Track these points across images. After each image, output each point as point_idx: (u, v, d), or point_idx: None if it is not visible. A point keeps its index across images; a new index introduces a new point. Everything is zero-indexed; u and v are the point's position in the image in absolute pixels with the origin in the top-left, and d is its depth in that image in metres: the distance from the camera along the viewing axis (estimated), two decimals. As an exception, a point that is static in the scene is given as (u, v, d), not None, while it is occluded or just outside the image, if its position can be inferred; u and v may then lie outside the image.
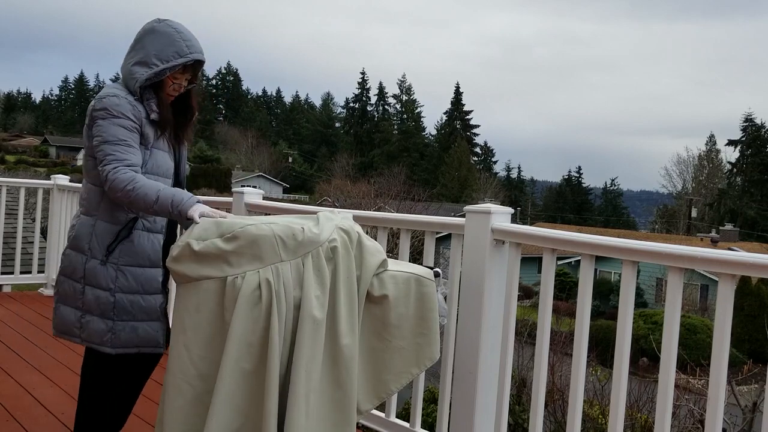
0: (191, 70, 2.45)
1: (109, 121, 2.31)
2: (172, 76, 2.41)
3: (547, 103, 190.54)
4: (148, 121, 2.39)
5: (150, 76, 2.35)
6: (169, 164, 2.49)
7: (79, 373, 3.72)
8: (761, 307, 19.82)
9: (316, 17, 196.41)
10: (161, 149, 2.47)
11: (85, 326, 2.39)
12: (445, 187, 68.56)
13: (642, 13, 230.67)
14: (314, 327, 2.11)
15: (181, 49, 2.37)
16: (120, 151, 2.28)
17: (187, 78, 2.46)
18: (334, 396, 2.17)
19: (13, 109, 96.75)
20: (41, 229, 6.88)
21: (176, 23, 2.45)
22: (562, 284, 25.32)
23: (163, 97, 2.42)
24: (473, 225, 2.62)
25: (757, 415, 8.33)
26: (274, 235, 2.13)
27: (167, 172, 2.48)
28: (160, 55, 2.36)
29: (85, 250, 2.38)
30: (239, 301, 2.07)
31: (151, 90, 2.39)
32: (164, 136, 2.47)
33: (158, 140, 2.45)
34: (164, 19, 2.45)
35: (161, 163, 2.45)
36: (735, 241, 36.74)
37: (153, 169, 2.41)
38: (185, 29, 2.44)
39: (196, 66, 2.45)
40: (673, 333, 2.03)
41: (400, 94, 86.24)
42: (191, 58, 2.39)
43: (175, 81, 2.43)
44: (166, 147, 2.49)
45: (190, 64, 2.41)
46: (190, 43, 2.40)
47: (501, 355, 2.57)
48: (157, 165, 2.43)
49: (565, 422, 2.46)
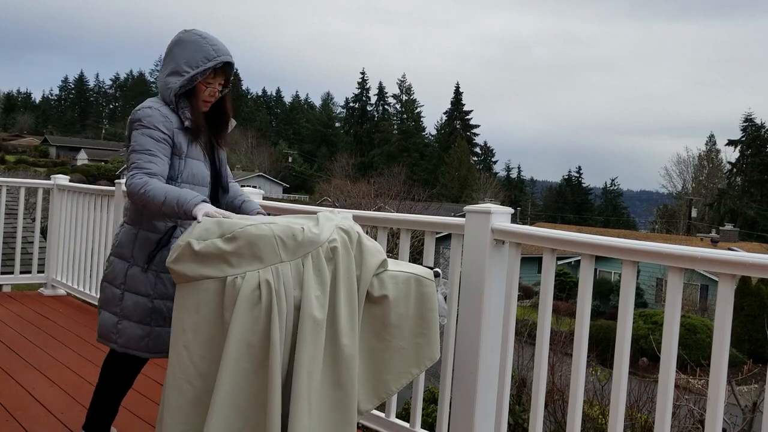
0: (222, 73, 2.49)
1: (139, 131, 2.40)
2: (205, 81, 2.46)
3: (547, 103, 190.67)
4: (182, 130, 2.46)
5: (183, 83, 2.42)
6: (204, 173, 2.54)
7: (79, 373, 3.72)
8: (761, 307, 19.81)
9: (316, 17, 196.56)
10: (196, 158, 2.52)
11: (122, 332, 2.47)
12: (445, 187, 68.56)
13: (642, 13, 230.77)
14: (314, 327, 2.11)
15: (209, 54, 2.43)
16: (142, 159, 2.37)
17: (220, 82, 2.50)
18: (334, 396, 2.17)
19: (13, 109, 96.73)
20: (41, 229, 6.88)
21: (202, 31, 2.50)
22: (562, 284, 25.33)
23: (196, 104, 2.48)
24: (473, 225, 2.62)
25: (757, 415, 8.33)
26: (274, 236, 2.13)
27: (203, 180, 2.54)
28: (190, 62, 2.43)
29: (128, 257, 2.48)
30: (239, 301, 2.07)
31: (185, 98, 2.46)
32: (199, 144, 2.52)
33: (193, 149, 2.50)
34: (190, 29, 2.52)
35: (196, 172, 2.51)
36: (735, 241, 36.74)
37: (189, 179, 2.49)
38: (211, 35, 2.50)
39: (226, 69, 2.49)
40: (673, 333, 2.03)
41: (400, 94, 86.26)
42: (219, 61, 2.44)
43: (209, 86, 2.48)
44: (201, 156, 2.54)
45: (220, 67, 2.46)
46: (217, 47, 2.45)
47: (501, 355, 2.57)
48: (192, 174, 2.50)
49: (565, 422, 2.46)
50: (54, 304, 5.60)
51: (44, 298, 5.84)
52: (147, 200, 2.30)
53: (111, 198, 5.23)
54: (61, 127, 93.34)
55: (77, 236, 5.68)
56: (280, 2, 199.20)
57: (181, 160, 2.46)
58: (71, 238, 5.77)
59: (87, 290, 5.53)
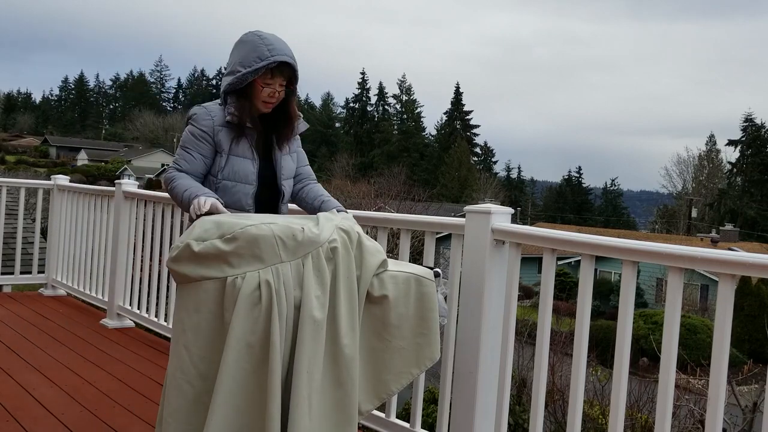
0: (279, 74, 2.48)
1: (186, 128, 2.56)
2: (262, 81, 2.47)
3: (547, 103, 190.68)
4: (225, 127, 2.50)
5: (232, 81, 2.46)
6: (249, 170, 2.53)
7: (79, 373, 3.73)
8: (761, 307, 19.81)
9: (316, 17, 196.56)
10: (240, 155, 2.53)
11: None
12: (445, 187, 68.54)
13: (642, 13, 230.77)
14: (315, 327, 2.11)
15: (262, 53, 2.44)
16: (179, 155, 2.54)
17: (280, 83, 2.49)
18: (335, 396, 2.17)
19: (13, 110, 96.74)
20: (41, 230, 6.88)
21: (263, 32, 2.51)
22: (562, 284, 25.32)
23: (252, 103, 2.50)
24: (473, 225, 2.62)
25: (757, 415, 8.33)
26: (274, 236, 2.13)
27: (246, 178, 2.54)
28: (243, 62, 2.46)
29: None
30: (239, 302, 2.07)
31: (235, 96, 2.50)
32: (247, 142, 2.53)
33: (237, 146, 2.52)
34: (253, 30, 2.53)
35: (238, 170, 2.52)
36: (735, 241, 36.74)
37: (229, 176, 2.52)
38: (272, 36, 2.50)
39: (284, 70, 2.47)
40: (673, 333, 2.03)
41: (400, 94, 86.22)
42: (272, 60, 2.43)
43: (267, 85, 2.48)
44: (249, 154, 2.54)
45: (277, 67, 2.45)
46: (273, 47, 2.45)
47: (501, 355, 2.57)
48: (234, 171, 2.52)
49: (565, 422, 2.47)
50: (54, 305, 5.60)
51: (44, 299, 5.84)
52: (171, 195, 2.47)
53: (111, 198, 5.23)
54: (61, 128, 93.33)
55: (77, 237, 5.68)
56: (280, 2, 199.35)
57: (221, 157, 2.51)
58: (71, 239, 5.77)
59: (87, 290, 5.53)
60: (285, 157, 2.65)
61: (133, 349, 4.41)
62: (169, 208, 4.53)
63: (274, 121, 2.60)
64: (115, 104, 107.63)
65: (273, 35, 2.52)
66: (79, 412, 3.23)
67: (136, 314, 4.85)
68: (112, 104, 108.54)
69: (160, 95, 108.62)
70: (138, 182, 5.59)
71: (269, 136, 2.62)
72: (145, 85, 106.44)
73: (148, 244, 4.80)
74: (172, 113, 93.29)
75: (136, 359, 4.18)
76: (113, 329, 4.93)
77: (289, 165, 2.66)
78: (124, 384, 3.66)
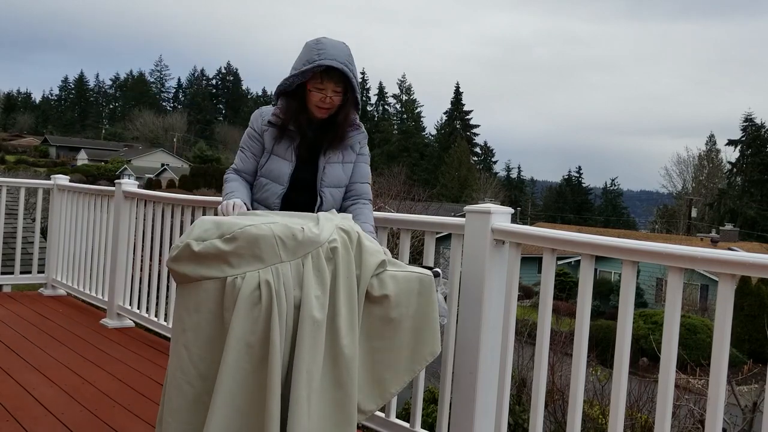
0: (330, 79, 2.46)
1: (246, 129, 2.71)
2: (312, 85, 2.48)
3: (547, 103, 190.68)
4: (271, 127, 2.57)
5: (282, 83, 2.53)
6: (283, 171, 2.57)
7: (79, 373, 3.73)
8: (761, 307, 19.81)
9: (316, 17, 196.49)
10: (281, 156, 2.58)
11: None
12: (445, 187, 68.53)
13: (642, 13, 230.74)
14: (314, 327, 2.11)
15: (311, 57, 2.44)
16: (237, 156, 2.71)
17: (334, 89, 2.47)
18: (335, 396, 2.17)
19: (13, 109, 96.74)
20: (41, 229, 6.88)
21: (325, 38, 2.49)
22: (562, 284, 25.31)
23: (296, 105, 2.53)
24: (473, 225, 2.61)
25: (757, 415, 8.33)
26: (274, 236, 2.13)
27: (279, 179, 2.57)
28: (296, 65, 2.50)
29: None
30: (239, 302, 2.07)
31: (284, 98, 2.56)
32: (288, 144, 2.56)
33: (278, 146, 2.57)
34: (319, 37, 2.53)
35: (274, 169, 2.58)
36: (735, 241, 36.73)
37: (266, 174, 2.60)
38: (330, 42, 2.47)
39: (333, 75, 2.45)
40: (673, 333, 2.03)
41: (400, 94, 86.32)
42: (317, 64, 2.42)
43: (318, 90, 2.48)
44: (288, 155, 2.57)
45: (327, 73, 2.44)
46: (324, 51, 2.43)
47: (501, 355, 2.57)
48: (270, 170, 2.59)
49: (565, 422, 2.46)
50: (54, 305, 5.60)
51: (44, 299, 5.84)
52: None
53: (111, 198, 5.23)
54: (61, 127, 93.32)
55: (77, 236, 5.68)
56: (281, 2, 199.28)
57: (265, 156, 2.60)
58: (71, 239, 5.77)
59: (87, 290, 5.52)
60: (333, 165, 2.62)
61: (133, 349, 4.41)
62: (169, 208, 4.53)
63: (325, 128, 2.59)
64: (115, 104, 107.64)
65: (332, 41, 2.49)
66: (79, 411, 3.23)
67: (136, 314, 4.85)
68: (112, 104, 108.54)
69: (160, 95, 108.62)
70: (138, 182, 5.59)
71: (319, 142, 2.60)
72: (145, 85, 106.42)
73: (148, 244, 4.80)
74: (172, 113, 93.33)
75: (136, 359, 4.18)
76: (113, 329, 4.93)
77: (336, 173, 2.62)
78: (124, 384, 3.66)
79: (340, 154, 2.63)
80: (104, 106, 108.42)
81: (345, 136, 2.62)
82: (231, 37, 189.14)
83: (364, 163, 2.75)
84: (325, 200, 2.61)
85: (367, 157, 2.77)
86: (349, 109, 2.57)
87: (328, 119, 2.58)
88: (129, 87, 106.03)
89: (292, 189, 2.60)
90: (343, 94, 2.51)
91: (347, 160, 2.66)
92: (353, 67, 2.50)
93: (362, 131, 2.70)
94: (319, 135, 2.61)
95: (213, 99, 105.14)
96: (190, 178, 53.34)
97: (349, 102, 2.55)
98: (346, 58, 2.46)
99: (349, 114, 2.58)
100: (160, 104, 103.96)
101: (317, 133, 2.61)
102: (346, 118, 2.58)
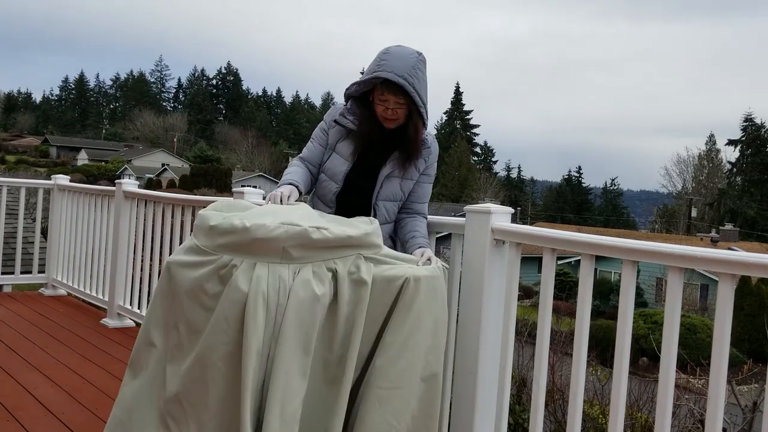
0: (390, 92, 2.40)
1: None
2: (377, 96, 2.46)
3: (548, 103, 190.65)
4: (338, 125, 2.59)
5: (349, 87, 2.54)
6: (339, 170, 2.57)
7: (79, 373, 3.73)
8: (761, 307, 19.80)
9: (316, 17, 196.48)
10: (340, 154, 2.58)
11: None
12: (445, 187, 68.49)
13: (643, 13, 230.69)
14: (300, 332, 2.08)
15: (373, 67, 2.43)
16: (306, 145, 2.71)
17: (396, 102, 2.42)
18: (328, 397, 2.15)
19: (13, 109, 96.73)
20: (42, 229, 6.88)
21: (394, 47, 2.46)
22: (562, 284, 25.31)
23: (364, 111, 2.53)
24: (473, 225, 2.61)
25: (757, 414, 8.33)
26: (278, 237, 2.11)
27: (334, 177, 2.58)
28: (365, 72, 2.50)
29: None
30: (228, 291, 2.07)
31: (354, 101, 2.57)
32: (352, 145, 2.56)
33: (341, 145, 2.58)
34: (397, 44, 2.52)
35: (332, 166, 2.59)
36: (735, 240, 36.73)
37: (326, 170, 2.62)
38: (397, 53, 2.43)
39: (391, 87, 2.39)
40: (673, 333, 2.03)
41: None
42: (374, 76, 2.40)
43: (381, 102, 2.45)
44: (348, 156, 2.56)
45: (386, 85, 2.39)
46: (386, 63, 2.40)
47: (501, 355, 2.56)
48: (328, 167, 2.60)
49: (565, 422, 2.46)
50: (54, 304, 5.60)
51: (45, 298, 5.84)
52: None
53: (111, 198, 5.23)
54: (61, 127, 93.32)
55: (78, 236, 5.68)
56: (280, 2, 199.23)
57: (327, 152, 2.62)
58: (72, 239, 5.77)
59: (87, 290, 5.53)
60: (392, 180, 2.57)
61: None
62: (169, 208, 4.53)
63: (393, 140, 2.55)
64: (116, 104, 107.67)
65: (400, 52, 2.44)
66: (79, 411, 3.23)
67: (137, 314, 4.84)
68: (112, 104, 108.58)
69: (160, 95, 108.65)
70: (138, 182, 5.59)
71: (385, 152, 2.57)
72: (145, 85, 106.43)
73: (149, 244, 4.80)
74: (172, 113, 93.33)
75: (136, 359, 4.18)
76: (113, 329, 4.93)
77: (392, 189, 2.58)
78: (124, 384, 3.66)
79: (401, 170, 2.58)
80: (104, 106, 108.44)
81: (414, 153, 2.56)
82: (231, 37, 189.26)
83: (427, 183, 2.70)
84: (378, 212, 2.57)
85: (431, 177, 2.71)
86: (417, 122, 2.50)
87: (397, 131, 2.53)
88: (129, 87, 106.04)
89: (348, 191, 2.58)
90: (407, 107, 2.45)
91: (408, 176, 2.61)
92: (417, 80, 2.41)
93: (429, 148, 2.62)
94: (387, 145, 2.57)
95: (213, 99, 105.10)
96: (190, 178, 53.33)
97: (414, 115, 2.47)
98: (408, 70, 2.39)
99: (418, 129, 2.51)
100: (160, 104, 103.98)
101: (385, 143, 2.56)
102: (417, 133, 2.52)
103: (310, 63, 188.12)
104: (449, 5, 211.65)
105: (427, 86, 2.49)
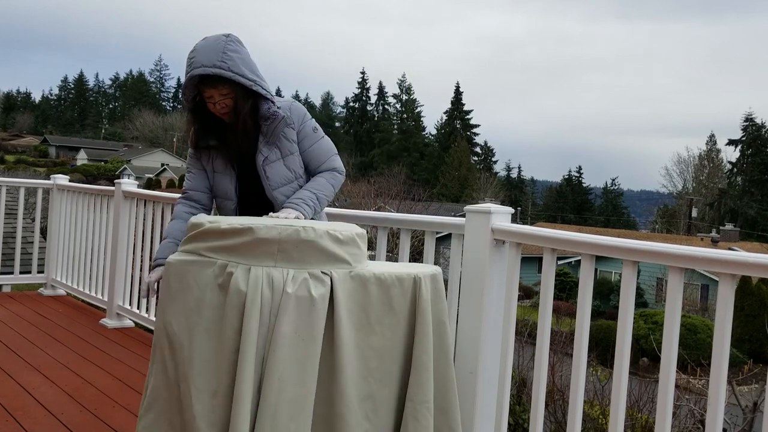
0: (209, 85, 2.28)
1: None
2: (204, 97, 2.32)
3: (548, 103, 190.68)
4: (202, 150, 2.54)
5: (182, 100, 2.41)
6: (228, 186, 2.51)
7: (79, 373, 3.72)
8: (761, 307, 19.81)
9: (316, 17, 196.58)
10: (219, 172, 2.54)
11: None
12: (445, 187, 68.56)
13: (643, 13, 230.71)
14: (294, 337, 2.06)
15: (186, 69, 2.29)
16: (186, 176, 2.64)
17: (221, 93, 2.29)
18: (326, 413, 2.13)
19: (12, 109, 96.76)
20: (41, 229, 6.88)
21: (200, 42, 2.31)
22: (562, 284, 25.35)
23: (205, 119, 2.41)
24: (473, 225, 2.61)
25: (758, 415, 8.34)
26: (273, 239, 2.10)
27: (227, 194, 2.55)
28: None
29: None
30: (228, 294, 2.07)
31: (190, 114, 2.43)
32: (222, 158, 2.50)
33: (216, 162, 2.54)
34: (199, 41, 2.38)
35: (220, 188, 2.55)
36: (735, 240, 36.73)
37: (216, 193, 2.58)
38: (202, 45, 2.29)
39: (208, 81, 2.26)
40: (673, 333, 2.03)
41: (400, 94, 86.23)
42: (189, 76, 2.26)
43: (208, 100, 2.32)
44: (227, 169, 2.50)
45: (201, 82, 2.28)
46: (195, 60, 2.26)
47: (501, 355, 2.56)
48: (217, 189, 2.57)
49: (566, 422, 2.46)
50: (54, 304, 5.60)
51: (44, 298, 5.84)
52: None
53: (111, 198, 5.23)
54: (60, 127, 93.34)
55: (77, 236, 5.67)
56: (280, 2, 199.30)
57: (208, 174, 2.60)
58: (71, 238, 5.77)
59: (87, 290, 5.52)
60: (273, 164, 2.43)
61: (132, 349, 4.41)
62: (169, 208, 4.52)
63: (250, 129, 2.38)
64: (115, 104, 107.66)
65: (206, 42, 2.29)
66: (79, 411, 3.23)
67: (136, 314, 4.84)
68: (111, 104, 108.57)
69: (160, 95, 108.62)
70: (138, 182, 5.59)
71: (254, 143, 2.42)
72: (144, 85, 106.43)
73: (148, 244, 4.80)
74: (172, 113, 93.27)
75: (135, 359, 4.18)
76: (113, 329, 4.93)
77: (279, 172, 2.43)
78: (123, 384, 3.66)
79: (276, 150, 2.42)
80: (104, 106, 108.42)
81: (271, 131, 2.39)
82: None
83: (315, 142, 2.50)
84: (278, 202, 2.45)
85: (316, 134, 2.50)
86: (243, 103, 2.31)
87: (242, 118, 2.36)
88: (129, 87, 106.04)
89: (244, 201, 2.50)
90: (234, 92, 2.29)
91: (287, 152, 2.44)
92: (232, 61, 2.25)
93: (288, 113, 2.43)
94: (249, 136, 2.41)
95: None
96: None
97: (239, 97, 2.30)
98: (218, 56, 2.24)
99: (245, 109, 2.32)
100: (159, 104, 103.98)
101: (245, 135, 2.39)
102: (257, 111, 2.36)
103: (310, 63, 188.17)
104: (450, 5, 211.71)
105: (251, 60, 2.34)
